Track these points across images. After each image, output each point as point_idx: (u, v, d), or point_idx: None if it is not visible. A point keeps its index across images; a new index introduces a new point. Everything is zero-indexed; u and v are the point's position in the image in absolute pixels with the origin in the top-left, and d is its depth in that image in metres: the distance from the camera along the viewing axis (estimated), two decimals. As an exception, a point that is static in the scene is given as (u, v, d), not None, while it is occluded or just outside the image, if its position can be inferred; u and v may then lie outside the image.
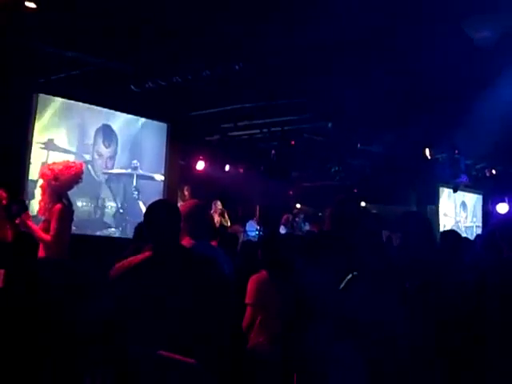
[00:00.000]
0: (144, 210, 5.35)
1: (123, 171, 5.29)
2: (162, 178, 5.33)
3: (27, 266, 4.83)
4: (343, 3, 5.65)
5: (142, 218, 5.58)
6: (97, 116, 5.22)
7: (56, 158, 5.04)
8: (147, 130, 5.33)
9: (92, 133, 5.18)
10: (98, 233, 4.86)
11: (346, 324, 3.16)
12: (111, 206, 4.89)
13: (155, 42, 6.95)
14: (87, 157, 5.03)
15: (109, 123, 5.21)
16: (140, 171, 5.27)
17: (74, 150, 4.92)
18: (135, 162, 5.23)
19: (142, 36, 6.78)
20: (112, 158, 5.30)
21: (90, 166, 5.20)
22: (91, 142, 5.19)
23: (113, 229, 4.90)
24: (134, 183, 5.26)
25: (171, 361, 2.64)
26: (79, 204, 4.79)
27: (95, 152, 5.24)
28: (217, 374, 2.77)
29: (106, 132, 5.20)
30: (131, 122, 5.29)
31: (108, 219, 4.91)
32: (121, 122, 5.25)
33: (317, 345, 3.10)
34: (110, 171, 5.18)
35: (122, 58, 7.64)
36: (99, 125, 5.18)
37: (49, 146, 5.07)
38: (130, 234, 5.12)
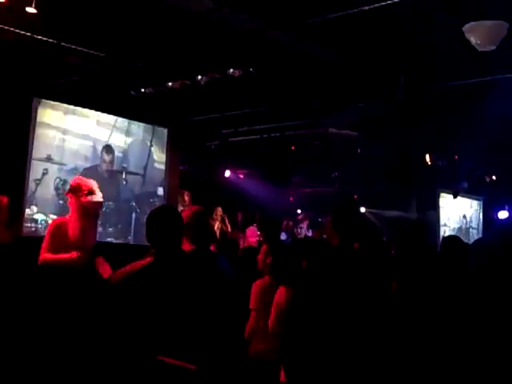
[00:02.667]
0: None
1: (117, 170, 7.91)
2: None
3: (26, 270, 4.82)
4: (338, 6, 5.67)
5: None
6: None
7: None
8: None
9: (99, 148, 7.78)
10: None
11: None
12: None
13: (155, 47, 6.96)
14: (97, 161, 7.64)
15: (110, 143, 7.85)
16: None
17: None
18: (124, 164, 7.93)
19: (142, 41, 6.79)
20: (111, 162, 7.84)
21: (99, 168, 7.70)
22: (99, 153, 7.76)
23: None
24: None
25: (172, 366, 2.62)
26: None
27: (102, 159, 7.79)
28: (217, 379, 2.75)
29: (108, 149, 7.82)
30: (123, 140, 8.02)
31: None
32: (116, 141, 7.90)
33: None
34: (110, 170, 7.80)
35: (121, 63, 7.65)
36: (104, 144, 7.76)
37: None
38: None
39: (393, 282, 3.58)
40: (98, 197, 4.86)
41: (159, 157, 8.51)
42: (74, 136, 7.31)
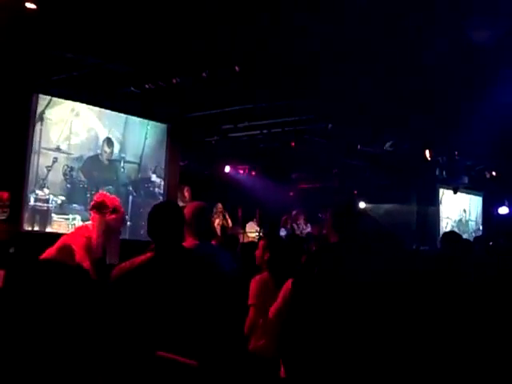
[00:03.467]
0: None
1: (116, 159, 9.02)
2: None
3: (28, 266, 4.81)
4: (342, 3, 5.66)
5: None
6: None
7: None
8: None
9: (101, 139, 8.87)
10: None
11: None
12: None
13: (155, 42, 6.95)
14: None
15: (110, 136, 8.91)
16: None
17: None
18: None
19: (142, 37, 6.79)
20: (111, 152, 8.92)
21: (100, 156, 8.81)
22: (101, 144, 8.85)
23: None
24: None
25: (172, 362, 2.63)
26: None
27: (103, 150, 8.86)
28: (217, 375, 2.77)
29: (109, 141, 8.90)
30: (121, 133, 9.10)
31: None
32: (116, 134, 8.99)
33: None
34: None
35: (122, 59, 7.65)
36: (104, 137, 8.84)
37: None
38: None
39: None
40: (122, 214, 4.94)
41: (153, 147, 9.52)
42: (80, 130, 8.50)
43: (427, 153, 11.45)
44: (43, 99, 8.21)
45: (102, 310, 2.41)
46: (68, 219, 8.37)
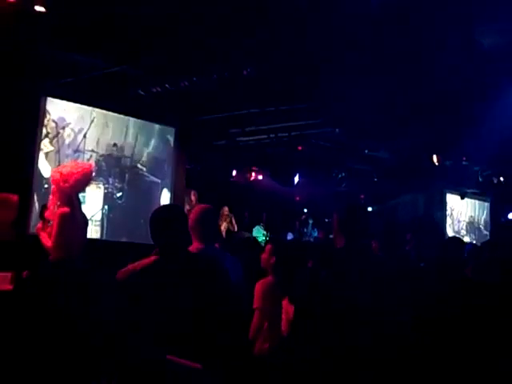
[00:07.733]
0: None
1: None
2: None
3: (36, 267, 4.85)
4: (350, 8, 5.66)
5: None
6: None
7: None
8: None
9: (111, 144, 10.19)
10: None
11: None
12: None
13: (163, 46, 6.97)
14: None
15: (116, 142, 10.26)
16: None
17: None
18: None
19: (151, 40, 6.80)
20: (116, 151, 10.31)
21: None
22: (111, 147, 10.28)
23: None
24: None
25: (177, 365, 2.63)
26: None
27: (112, 150, 10.28)
28: (222, 379, 2.76)
29: (115, 145, 10.24)
30: (122, 138, 10.43)
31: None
32: (119, 139, 10.38)
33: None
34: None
35: (130, 62, 7.67)
36: (112, 142, 10.21)
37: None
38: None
39: None
40: None
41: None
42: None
43: (435, 158, 11.42)
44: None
45: (103, 311, 2.41)
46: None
